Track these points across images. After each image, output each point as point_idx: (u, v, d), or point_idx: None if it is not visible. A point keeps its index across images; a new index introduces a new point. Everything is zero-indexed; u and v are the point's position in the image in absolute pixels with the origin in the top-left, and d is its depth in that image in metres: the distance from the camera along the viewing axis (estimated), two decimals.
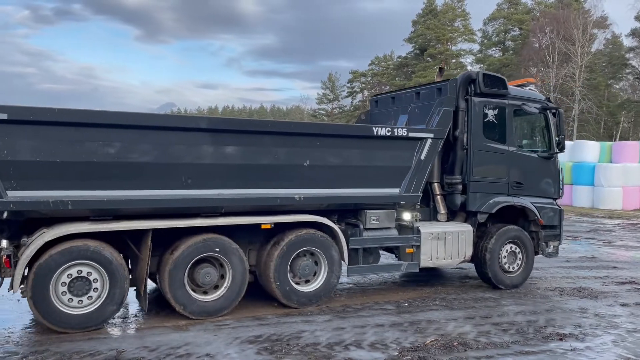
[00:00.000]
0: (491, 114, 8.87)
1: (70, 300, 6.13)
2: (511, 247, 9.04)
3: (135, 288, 6.81)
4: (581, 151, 28.82)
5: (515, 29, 62.29)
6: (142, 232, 6.53)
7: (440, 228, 8.48)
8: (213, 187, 6.75)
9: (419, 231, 8.27)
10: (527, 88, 9.72)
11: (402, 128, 7.98)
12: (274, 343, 6.08)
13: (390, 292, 8.81)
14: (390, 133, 7.79)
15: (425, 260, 8.30)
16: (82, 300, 6.18)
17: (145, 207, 6.47)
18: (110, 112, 6.37)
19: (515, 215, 9.36)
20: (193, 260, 6.72)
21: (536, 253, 9.40)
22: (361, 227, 7.92)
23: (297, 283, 7.51)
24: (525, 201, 9.12)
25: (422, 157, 8.08)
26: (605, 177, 27.14)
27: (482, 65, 64.34)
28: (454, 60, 65.32)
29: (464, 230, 8.61)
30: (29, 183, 5.82)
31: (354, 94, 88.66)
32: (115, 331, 6.44)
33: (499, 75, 9.01)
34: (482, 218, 8.82)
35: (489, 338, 6.49)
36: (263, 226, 7.12)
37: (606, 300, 8.60)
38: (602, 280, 10.22)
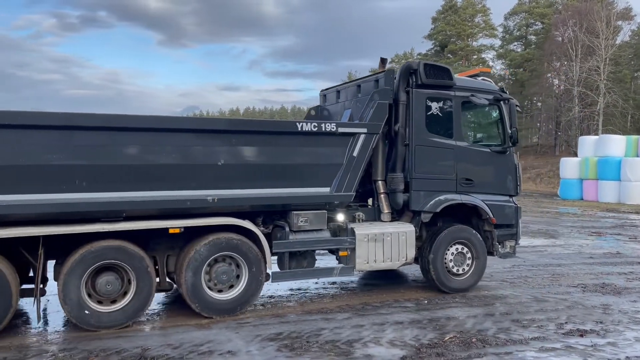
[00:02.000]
0: (435, 106, 8.33)
1: None
2: (459, 248, 8.47)
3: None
4: (607, 146, 27.90)
5: (537, 23, 60.76)
6: (36, 239, 6.20)
7: (378, 229, 7.97)
8: (112, 189, 6.40)
9: (353, 233, 7.78)
10: (479, 78, 9.12)
11: (330, 123, 7.51)
12: (294, 340, 6.17)
13: (410, 290, 8.72)
14: (316, 128, 7.35)
15: (361, 264, 7.80)
16: None
17: (33, 212, 6.14)
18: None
19: (468, 214, 8.79)
20: (90, 269, 6.36)
21: (490, 253, 8.80)
22: (287, 229, 7.49)
23: (219, 290, 7.11)
24: (475, 199, 8.53)
25: (355, 154, 7.60)
26: (632, 171, 26.21)
27: (504, 60, 62.98)
28: (474, 56, 64.06)
29: (404, 231, 8.08)
30: None
31: None
32: (140, 329, 6.54)
33: (443, 65, 8.46)
34: (426, 217, 8.28)
35: (509, 334, 6.44)
36: (171, 230, 6.71)
37: (630, 296, 8.42)
38: (627, 276, 10.03)
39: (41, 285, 6.48)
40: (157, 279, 7.08)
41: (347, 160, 7.57)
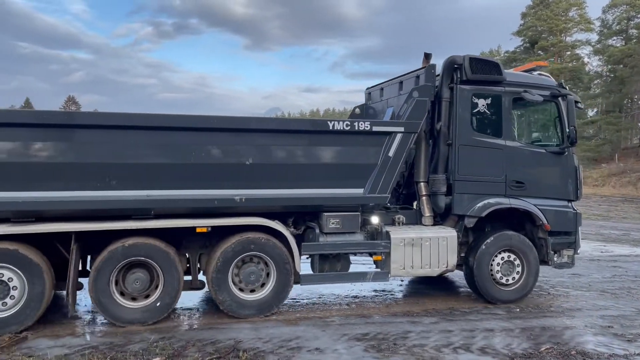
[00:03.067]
0: (482, 103, 7.81)
1: None
2: (507, 257, 7.87)
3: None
4: None
5: (639, 15, 56.19)
6: (69, 235, 6.42)
7: (415, 233, 7.57)
8: (140, 188, 6.49)
9: (388, 236, 7.45)
10: (535, 73, 8.44)
11: (364, 122, 7.21)
12: (380, 342, 6.17)
13: None
14: (349, 127, 7.10)
15: (397, 269, 7.45)
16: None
17: (66, 209, 6.37)
18: (20, 111, 6.36)
19: (520, 220, 8.17)
20: (119, 266, 6.50)
21: (545, 263, 8.12)
22: (317, 231, 7.28)
23: (242, 290, 7.05)
24: (527, 203, 7.90)
25: (391, 154, 7.26)
26: None
27: (601, 57, 59.01)
28: (568, 52, 60.45)
29: (445, 236, 7.62)
30: None
31: None
32: (231, 322, 6.77)
33: (491, 59, 7.89)
34: (470, 222, 7.76)
35: (611, 349, 6.07)
36: (198, 230, 6.73)
37: None
38: None
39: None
40: (189, 277, 7.17)
41: (382, 160, 7.24)
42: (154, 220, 6.63)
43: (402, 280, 8.94)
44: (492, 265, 7.81)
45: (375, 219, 7.62)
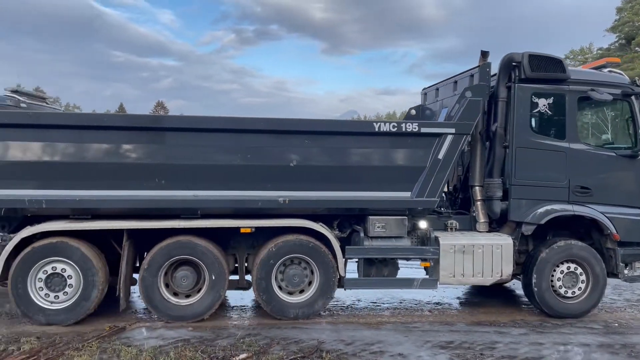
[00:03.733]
0: (543, 103, 7.34)
1: (47, 295, 6.53)
2: (570, 267, 7.34)
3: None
4: None
5: None
6: (121, 232, 6.69)
7: (467, 240, 7.22)
8: (187, 188, 6.64)
9: (437, 242, 7.16)
10: (606, 70, 7.81)
11: (412, 123, 6.98)
12: (466, 351, 6.07)
13: (595, 310, 7.77)
14: (396, 129, 6.89)
15: (446, 277, 7.14)
16: (58, 296, 6.55)
17: (118, 207, 6.62)
18: (94, 115, 6.70)
19: (588, 228, 7.60)
20: (167, 263, 6.70)
21: (614, 275, 7.49)
22: (362, 235, 7.13)
23: (290, 292, 7.04)
24: (592, 210, 7.32)
25: (440, 157, 6.97)
26: None
27: None
28: None
29: (499, 244, 7.21)
30: (5, 182, 6.35)
31: None
32: (314, 323, 6.91)
33: (553, 55, 7.36)
34: (528, 230, 7.31)
35: None
36: (242, 230, 6.81)
37: None
38: None
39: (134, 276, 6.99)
40: (236, 277, 7.26)
41: (431, 163, 6.97)
42: (200, 220, 6.76)
43: (399, 289, 8.35)
44: (553, 276, 7.32)
45: (423, 224, 7.36)
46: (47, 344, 5.84)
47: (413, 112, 9.21)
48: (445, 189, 8.52)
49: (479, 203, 7.59)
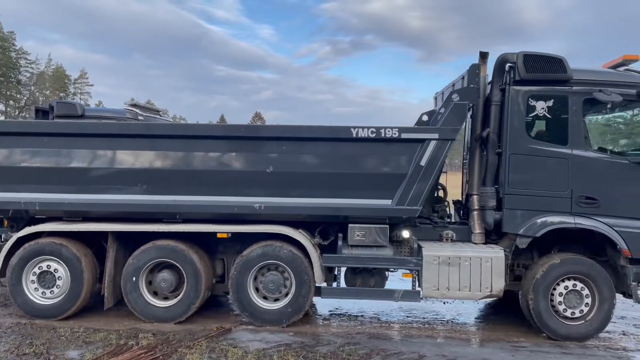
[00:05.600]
0: (542, 106, 6.79)
1: (36, 290, 6.99)
2: (572, 285, 6.69)
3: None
4: None
5: None
6: (107, 235, 7.01)
7: (453, 251, 6.81)
8: (167, 193, 6.83)
9: (420, 253, 6.82)
10: (622, 69, 7.06)
11: (392, 128, 6.71)
12: None
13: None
14: (374, 134, 6.68)
15: (429, 289, 6.77)
16: (47, 292, 6.97)
17: (106, 211, 6.93)
18: (84, 123, 7.11)
19: (601, 244, 6.91)
20: (147, 266, 6.93)
21: (629, 295, 6.74)
22: (340, 243, 6.95)
23: (265, 299, 7.01)
24: (599, 223, 6.63)
25: (423, 163, 6.67)
26: None
27: None
28: None
29: (489, 257, 6.73)
30: (5, 186, 6.89)
31: None
32: (413, 336, 6.85)
33: (553, 55, 6.76)
34: (522, 243, 6.77)
35: None
36: (219, 235, 6.89)
37: None
38: None
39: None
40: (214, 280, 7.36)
41: (412, 170, 6.67)
42: (179, 225, 6.93)
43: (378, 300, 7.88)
44: (553, 294, 6.71)
45: (406, 233, 7.05)
46: (161, 340, 6.24)
47: (425, 117, 8.80)
48: (454, 198, 8.14)
49: (475, 213, 7.16)
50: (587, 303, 6.69)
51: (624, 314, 8.28)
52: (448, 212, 7.81)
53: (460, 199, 8.15)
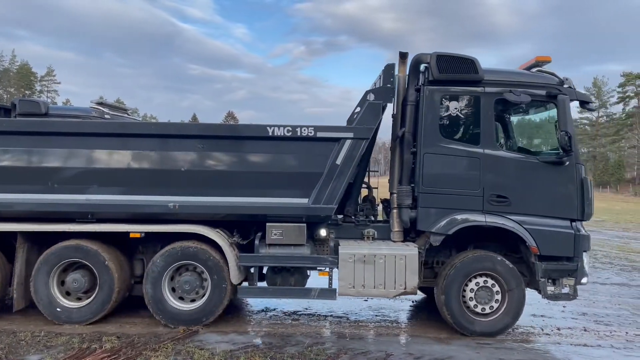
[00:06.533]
0: (455, 106, 6.90)
1: None
2: (483, 281, 6.82)
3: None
4: None
5: None
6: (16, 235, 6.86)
7: (368, 249, 6.87)
8: (80, 192, 6.73)
9: (336, 251, 6.86)
10: (534, 70, 7.21)
11: (307, 127, 6.75)
12: None
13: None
14: (290, 133, 6.70)
15: (345, 287, 6.81)
16: None
17: (17, 210, 6.77)
18: None
19: (515, 241, 7.03)
20: (58, 266, 6.81)
21: (540, 292, 6.89)
22: (257, 242, 6.95)
23: (182, 299, 6.96)
24: (508, 221, 6.76)
25: (339, 162, 6.71)
26: None
27: None
28: None
29: (403, 254, 6.81)
30: None
31: (627, 99, 77.13)
32: (381, 334, 6.88)
33: (465, 55, 6.87)
34: (435, 240, 6.86)
35: None
36: (132, 235, 6.81)
37: None
38: None
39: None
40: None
41: (328, 169, 6.71)
42: (90, 224, 6.83)
43: (294, 299, 8.16)
44: (465, 290, 6.82)
45: (323, 232, 7.08)
46: (126, 343, 6.15)
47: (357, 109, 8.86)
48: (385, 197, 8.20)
49: (394, 211, 7.22)
50: (497, 299, 6.81)
51: (585, 310, 8.53)
52: (374, 211, 7.87)
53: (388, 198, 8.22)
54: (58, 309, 6.82)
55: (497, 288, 6.81)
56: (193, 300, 6.96)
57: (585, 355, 6.35)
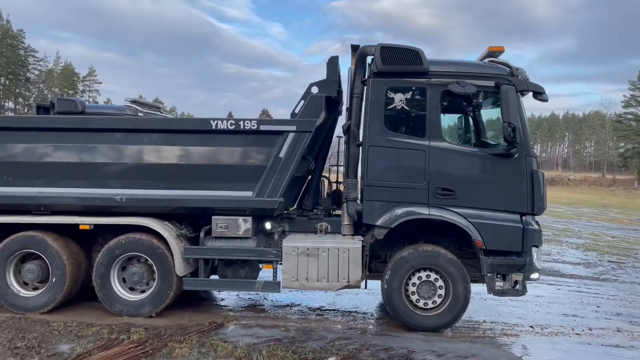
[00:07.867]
0: (400, 98, 6.78)
1: None
2: (426, 276, 6.71)
3: None
4: None
5: None
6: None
7: (312, 242, 6.85)
8: (31, 185, 6.96)
9: (280, 244, 6.87)
10: (486, 60, 7.02)
11: (250, 120, 6.78)
12: None
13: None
14: (234, 127, 6.75)
15: (289, 280, 6.81)
16: None
17: None
18: None
19: (466, 235, 6.88)
20: (13, 256, 7.04)
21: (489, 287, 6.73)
22: (203, 235, 7.02)
23: (132, 290, 7.10)
24: (452, 214, 6.62)
25: (282, 155, 6.73)
26: None
27: None
28: None
29: (346, 248, 6.75)
30: None
31: None
32: (404, 331, 6.78)
33: (410, 47, 6.74)
34: (379, 234, 6.77)
35: None
36: (81, 227, 6.98)
37: None
38: None
39: None
40: None
41: (272, 162, 6.74)
42: (42, 216, 7.03)
43: (240, 292, 8.19)
44: (407, 285, 6.73)
45: (268, 225, 7.09)
46: (153, 335, 6.29)
47: None
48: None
49: (344, 204, 7.18)
50: (440, 294, 6.69)
51: (620, 310, 8.29)
52: (331, 205, 7.84)
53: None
54: (12, 297, 7.05)
55: (440, 283, 6.69)
56: (143, 291, 7.09)
57: (616, 356, 6.16)
